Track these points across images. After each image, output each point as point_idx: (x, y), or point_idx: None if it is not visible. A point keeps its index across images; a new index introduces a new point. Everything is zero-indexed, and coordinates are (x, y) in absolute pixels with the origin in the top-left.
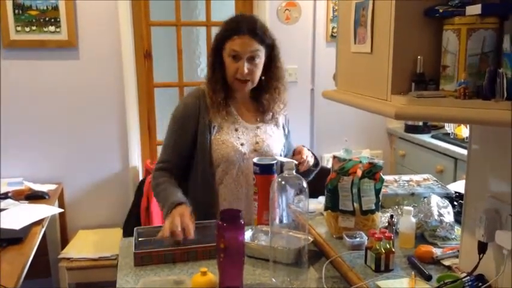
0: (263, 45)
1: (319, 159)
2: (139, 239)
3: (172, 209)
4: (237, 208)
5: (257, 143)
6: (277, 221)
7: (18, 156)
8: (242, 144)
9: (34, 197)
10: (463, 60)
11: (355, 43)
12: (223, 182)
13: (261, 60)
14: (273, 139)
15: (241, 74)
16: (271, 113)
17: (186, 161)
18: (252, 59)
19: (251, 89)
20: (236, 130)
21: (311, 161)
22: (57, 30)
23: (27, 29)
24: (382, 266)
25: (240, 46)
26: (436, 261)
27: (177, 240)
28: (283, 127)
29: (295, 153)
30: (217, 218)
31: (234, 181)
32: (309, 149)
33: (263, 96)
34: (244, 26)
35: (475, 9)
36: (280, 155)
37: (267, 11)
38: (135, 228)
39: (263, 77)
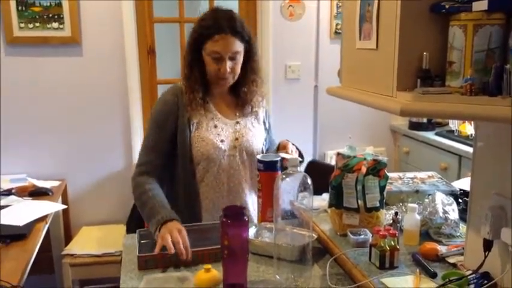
0: (243, 42)
1: (322, 155)
2: (142, 241)
3: (163, 224)
4: (219, 205)
5: (237, 139)
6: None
7: (21, 153)
8: (222, 141)
9: (37, 193)
10: (469, 56)
11: (360, 39)
12: (204, 180)
13: (241, 57)
14: (253, 134)
15: (224, 74)
16: (250, 106)
17: (166, 159)
18: (233, 58)
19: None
20: (215, 127)
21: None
22: (61, 26)
23: (31, 26)
24: (387, 263)
25: (222, 47)
26: (440, 259)
27: (182, 258)
28: (263, 121)
29: (280, 147)
30: (198, 217)
31: (215, 178)
32: (293, 144)
33: (241, 90)
34: (225, 23)
35: (481, 5)
36: (262, 150)
37: (270, 7)
38: (137, 230)
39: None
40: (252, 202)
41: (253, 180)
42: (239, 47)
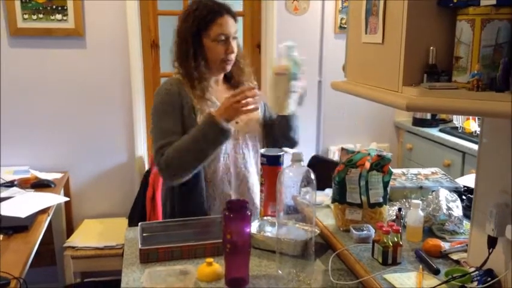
0: (236, 22)
1: (325, 151)
2: (144, 235)
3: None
4: (227, 192)
5: (237, 122)
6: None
7: (24, 145)
8: None
9: (40, 185)
10: (476, 51)
11: (366, 33)
12: (211, 167)
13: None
14: (249, 115)
15: (232, 53)
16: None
17: None
18: (235, 38)
19: None
20: None
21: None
22: (64, 18)
23: (34, 17)
24: (390, 259)
25: (226, 27)
26: (444, 255)
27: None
28: None
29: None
30: (204, 205)
31: (222, 164)
32: None
33: (231, 71)
34: (221, 7)
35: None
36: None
37: (275, 2)
38: (139, 224)
39: None
40: (257, 185)
41: (258, 163)
42: (236, 26)
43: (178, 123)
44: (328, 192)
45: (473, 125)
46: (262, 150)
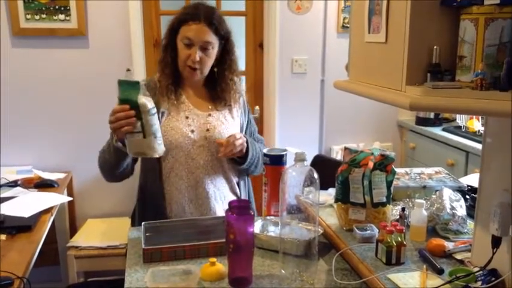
0: (217, 36)
1: (328, 150)
2: (147, 234)
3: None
4: (186, 196)
5: (208, 130)
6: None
7: (27, 145)
8: (192, 131)
9: (43, 185)
10: (480, 50)
11: (369, 32)
12: (173, 170)
13: (213, 51)
14: (226, 127)
15: (193, 60)
16: (224, 102)
17: None
18: (204, 49)
19: (204, 79)
20: (187, 118)
21: (237, 148)
22: (67, 18)
23: (37, 17)
24: (393, 259)
25: (194, 33)
26: (447, 255)
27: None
28: (240, 118)
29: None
30: (163, 207)
31: (184, 168)
32: (256, 140)
33: (217, 87)
34: (202, 13)
35: None
36: None
37: (277, 1)
38: (142, 223)
39: (215, 69)
40: (218, 195)
41: (223, 174)
42: (212, 38)
43: None
44: (332, 191)
45: (476, 124)
46: (265, 150)
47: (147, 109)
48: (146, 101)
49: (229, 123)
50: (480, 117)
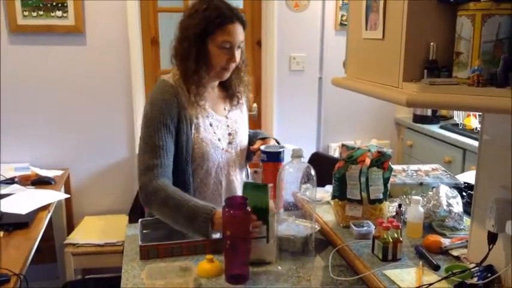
0: (244, 30)
1: (326, 148)
2: (144, 231)
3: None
4: (216, 203)
5: (230, 134)
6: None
7: (24, 142)
8: (219, 140)
9: (40, 182)
10: (477, 46)
11: (366, 29)
12: (202, 180)
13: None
14: (241, 126)
15: (234, 62)
16: (236, 98)
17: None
18: (239, 47)
19: None
20: (211, 125)
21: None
22: (64, 15)
23: (34, 14)
24: (390, 255)
25: (234, 36)
26: (444, 252)
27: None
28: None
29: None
30: None
31: (213, 178)
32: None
33: (230, 79)
34: (232, 13)
35: None
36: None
37: None
38: (139, 220)
39: None
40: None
41: (242, 175)
42: (244, 35)
43: (172, 139)
44: (329, 188)
45: (474, 122)
46: (263, 147)
47: (274, 212)
48: (272, 203)
49: (243, 123)
50: (477, 114)
